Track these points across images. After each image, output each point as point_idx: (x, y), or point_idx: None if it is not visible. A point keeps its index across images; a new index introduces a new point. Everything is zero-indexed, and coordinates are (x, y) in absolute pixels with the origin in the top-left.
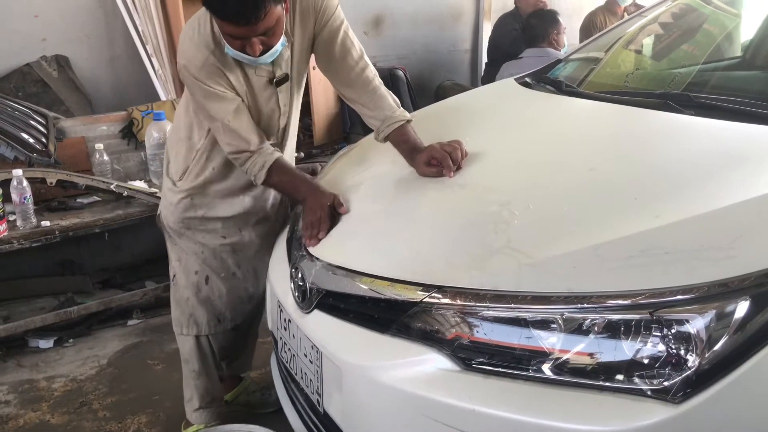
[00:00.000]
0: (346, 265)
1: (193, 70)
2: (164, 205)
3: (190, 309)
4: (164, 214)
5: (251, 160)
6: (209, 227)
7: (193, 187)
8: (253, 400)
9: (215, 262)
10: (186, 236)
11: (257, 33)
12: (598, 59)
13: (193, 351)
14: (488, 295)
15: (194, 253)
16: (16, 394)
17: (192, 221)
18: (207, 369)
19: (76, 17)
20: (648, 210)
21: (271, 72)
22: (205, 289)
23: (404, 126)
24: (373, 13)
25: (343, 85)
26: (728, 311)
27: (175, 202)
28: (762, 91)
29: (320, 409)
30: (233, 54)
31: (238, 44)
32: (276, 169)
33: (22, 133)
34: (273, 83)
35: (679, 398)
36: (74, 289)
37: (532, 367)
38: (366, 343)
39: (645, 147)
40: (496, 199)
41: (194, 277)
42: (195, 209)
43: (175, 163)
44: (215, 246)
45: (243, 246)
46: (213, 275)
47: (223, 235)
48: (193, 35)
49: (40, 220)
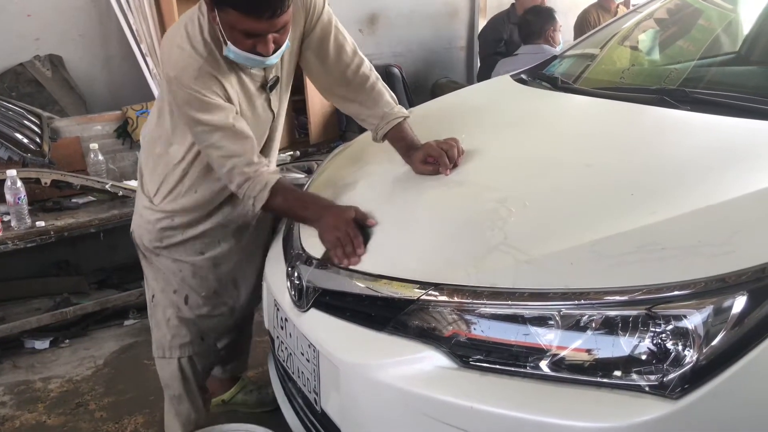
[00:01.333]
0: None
1: (187, 80)
2: (139, 224)
3: (172, 330)
4: (139, 233)
5: (250, 181)
6: (188, 244)
7: (174, 210)
8: (250, 400)
9: (195, 280)
10: (162, 255)
11: (276, 28)
12: (593, 56)
13: (175, 374)
14: (485, 293)
15: (172, 272)
16: (12, 396)
17: (170, 240)
18: (190, 393)
19: (69, 17)
20: (645, 206)
21: (263, 76)
22: (185, 309)
23: (402, 123)
24: (368, 10)
25: (339, 84)
26: (726, 306)
27: (153, 221)
28: (758, 86)
29: (318, 408)
30: (236, 57)
31: (249, 43)
32: (280, 190)
33: (16, 134)
34: (266, 87)
35: (677, 394)
36: (70, 289)
37: (529, 364)
38: (363, 342)
39: (641, 143)
40: (493, 197)
41: (174, 297)
42: (175, 230)
43: (151, 180)
44: (194, 262)
45: (223, 258)
46: (193, 294)
47: (202, 250)
48: (182, 43)
49: (34, 221)
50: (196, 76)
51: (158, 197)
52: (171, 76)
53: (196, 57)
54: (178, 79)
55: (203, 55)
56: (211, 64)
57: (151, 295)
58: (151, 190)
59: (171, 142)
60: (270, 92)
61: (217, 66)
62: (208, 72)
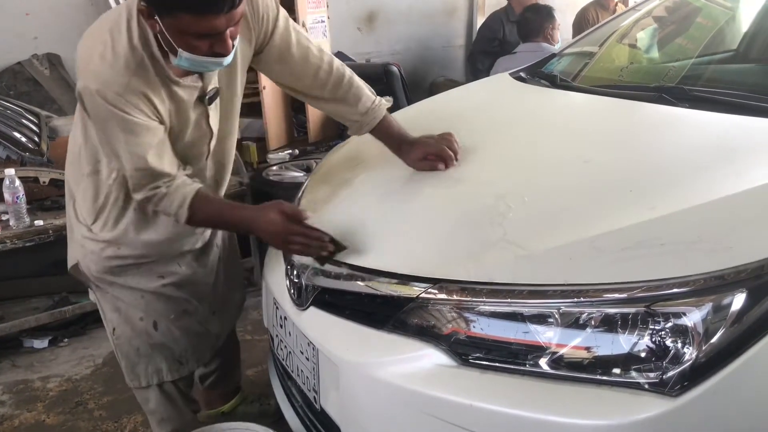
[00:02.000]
0: (340, 260)
1: (111, 97)
2: (83, 254)
3: (145, 359)
4: (85, 264)
5: (166, 198)
6: (142, 270)
7: (117, 237)
8: (251, 411)
9: (159, 304)
10: (117, 284)
11: (235, 20)
12: (592, 53)
13: (159, 400)
14: (485, 290)
15: (133, 300)
16: (11, 395)
17: (122, 268)
18: (178, 413)
19: (67, 15)
20: (643, 202)
21: (201, 87)
22: (157, 335)
23: (388, 117)
24: (366, 9)
25: (315, 86)
26: (725, 304)
27: (97, 251)
28: (756, 83)
29: (317, 406)
30: (191, 64)
31: (206, 46)
32: (200, 201)
33: (14, 132)
34: (204, 100)
35: (676, 391)
36: (69, 288)
37: (529, 361)
38: (362, 340)
39: (640, 139)
40: (492, 192)
41: (141, 324)
42: (124, 258)
43: (84, 204)
44: (155, 288)
45: (187, 281)
46: (161, 318)
47: (161, 274)
48: (105, 52)
49: (33, 220)
50: (121, 91)
51: (97, 225)
52: (91, 89)
53: (121, 69)
54: (101, 94)
55: (131, 66)
56: (140, 76)
57: (112, 329)
58: (87, 216)
59: (100, 161)
60: (208, 105)
61: (146, 79)
62: (135, 87)
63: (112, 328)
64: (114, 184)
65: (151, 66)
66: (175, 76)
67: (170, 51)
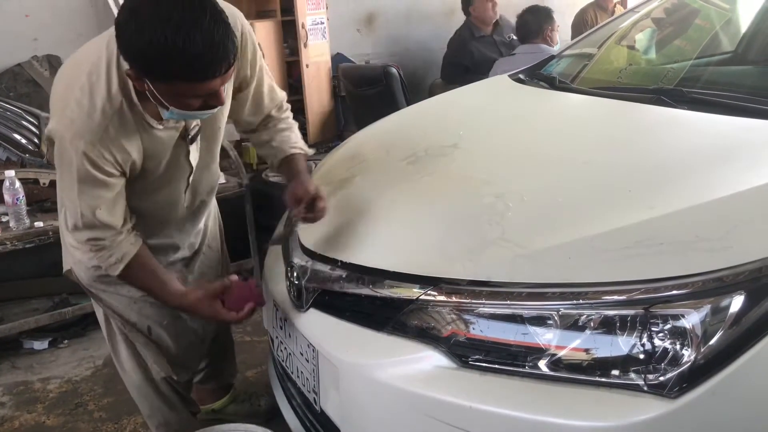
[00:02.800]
0: (342, 261)
1: (83, 146)
2: (72, 262)
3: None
4: (77, 270)
5: (105, 250)
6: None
7: None
8: (242, 410)
9: (152, 309)
10: (108, 292)
11: (229, 76)
12: (591, 55)
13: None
14: (484, 292)
15: (125, 306)
16: (11, 396)
17: (110, 278)
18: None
19: (67, 17)
20: (642, 201)
21: (184, 128)
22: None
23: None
24: (366, 10)
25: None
26: (723, 306)
27: (84, 261)
28: (754, 85)
29: (317, 407)
30: (180, 117)
31: (198, 102)
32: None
33: (14, 134)
34: (186, 139)
35: (675, 393)
36: (68, 289)
37: (528, 363)
38: (362, 342)
39: (639, 140)
40: (491, 191)
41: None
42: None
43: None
44: (144, 297)
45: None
46: (155, 325)
47: None
48: (82, 99)
49: (33, 221)
50: (94, 141)
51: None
52: (65, 136)
53: (99, 119)
54: (72, 143)
55: (107, 114)
56: (117, 125)
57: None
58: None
59: None
60: (190, 145)
61: (123, 127)
62: (110, 137)
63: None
64: None
65: (130, 113)
66: (155, 122)
67: (159, 105)
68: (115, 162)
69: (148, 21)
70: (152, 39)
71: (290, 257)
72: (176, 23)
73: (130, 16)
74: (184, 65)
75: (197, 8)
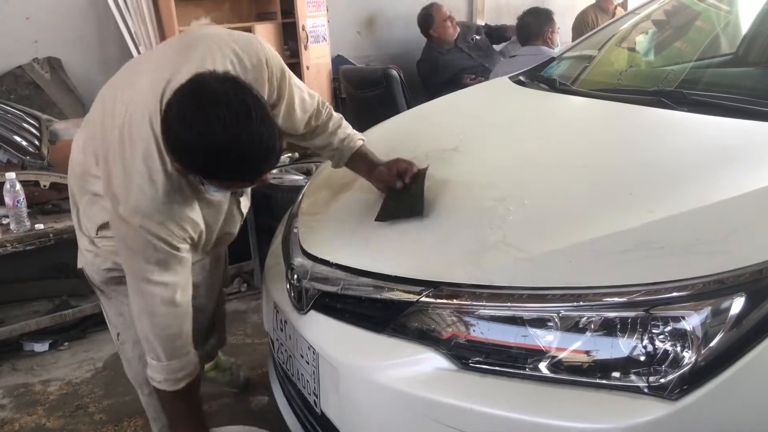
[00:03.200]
0: (342, 264)
1: (154, 228)
2: (86, 263)
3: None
4: (89, 271)
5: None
6: None
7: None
8: (221, 379)
9: None
10: (119, 291)
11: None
12: (591, 57)
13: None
14: (484, 294)
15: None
16: (12, 399)
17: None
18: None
19: (68, 19)
20: (642, 205)
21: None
22: None
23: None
24: (366, 12)
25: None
26: (724, 308)
27: (98, 264)
28: (755, 87)
29: (317, 410)
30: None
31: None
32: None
33: (15, 136)
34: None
35: (675, 395)
36: (69, 292)
37: (528, 365)
38: (362, 344)
39: (639, 143)
40: (491, 195)
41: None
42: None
43: (88, 218)
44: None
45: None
46: None
47: None
48: (143, 184)
49: (33, 224)
50: (163, 220)
51: (100, 239)
52: (134, 224)
53: (163, 200)
54: (143, 226)
55: (169, 194)
56: (179, 201)
57: (116, 334)
58: (91, 229)
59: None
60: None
61: (184, 200)
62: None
63: (117, 333)
64: None
65: (187, 186)
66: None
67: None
68: (185, 235)
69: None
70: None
71: (290, 259)
72: (223, 124)
73: (177, 115)
74: (232, 168)
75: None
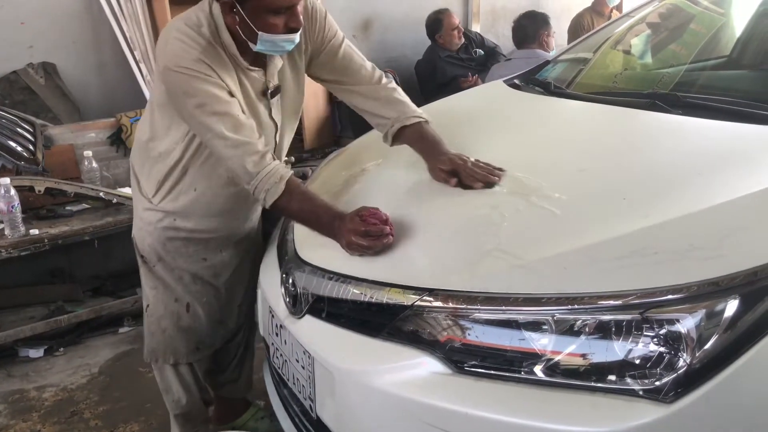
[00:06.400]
0: (336, 269)
1: (187, 62)
2: (140, 227)
3: (168, 340)
4: (140, 237)
5: (262, 173)
6: (190, 249)
7: (175, 210)
8: (261, 427)
9: (196, 286)
10: (164, 261)
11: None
12: (586, 60)
13: (173, 378)
14: (479, 298)
15: (174, 279)
16: (6, 405)
17: (173, 243)
18: (191, 396)
19: (63, 24)
20: (637, 210)
21: (264, 82)
22: (186, 318)
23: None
24: (362, 16)
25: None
26: (718, 310)
27: (154, 222)
28: (749, 90)
29: (313, 414)
30: (269, 46)
31: (281, 24)
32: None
33: (10, 141)
34: (266, 94)
35: (670, 398)
36: (64, 297)
37: (524, 369)
38: (358, 348)
39: (634, 147)
40: (486, 202)
41: (174, 306)
42: (177, 230)
43: (148, 181)
44: (197, 270)
45: (223, 267)
46: (194, 302)
47: (204, 257)
48: (179, 35)
49: (28, 229)
50: (196, 59)
51: (158, 197)
52: (169, 66)
53: (196, 45)
54: (176, 65)
55: (202, 44)
56: (212, 56)
57: (146, 305)
58: (150, 190)
59: (165, 140)
60: (271, 100)
61: (218, 60)
62: (207, 59)
63: (147, 305)
64: (179, 163)
65: (222, 50)
66: (244, 62)
67: (249, 39)
68: (219, 80)
69: None
70: None
71: (285, 264)
72: None
73: None
74: None
75: None
